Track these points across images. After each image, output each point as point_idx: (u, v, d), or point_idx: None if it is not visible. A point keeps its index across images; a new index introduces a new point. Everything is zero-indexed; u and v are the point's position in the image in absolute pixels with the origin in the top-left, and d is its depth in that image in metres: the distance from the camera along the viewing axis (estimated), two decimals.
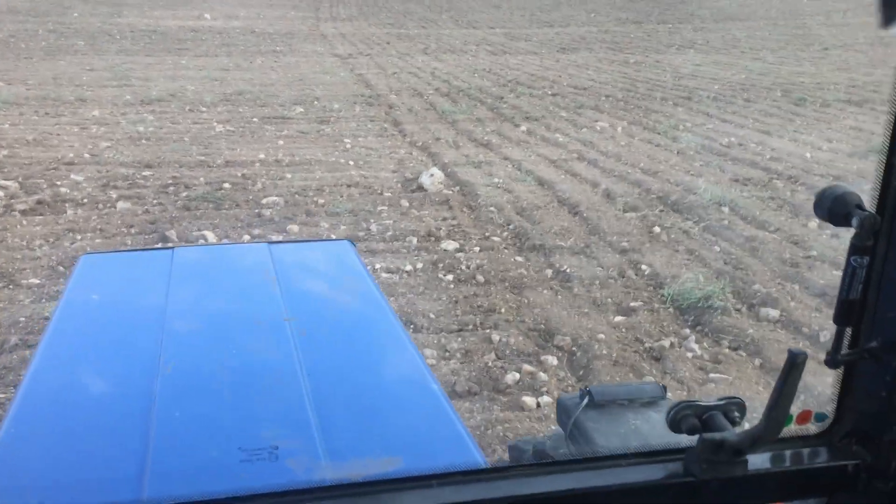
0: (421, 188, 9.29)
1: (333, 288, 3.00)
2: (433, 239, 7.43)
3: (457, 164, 10.49)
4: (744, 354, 5.27)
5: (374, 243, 7.28)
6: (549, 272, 6.66)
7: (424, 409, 2.17)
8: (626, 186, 9.25)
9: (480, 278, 6.52)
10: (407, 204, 8.65)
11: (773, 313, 5.73)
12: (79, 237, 7.35)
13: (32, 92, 15.34)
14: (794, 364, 1.04)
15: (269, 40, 25.91)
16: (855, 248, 1.07)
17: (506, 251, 7.14)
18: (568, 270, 6.61)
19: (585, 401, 1.86)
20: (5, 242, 7.11)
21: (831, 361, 1.14)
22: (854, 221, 1.06)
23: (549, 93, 15.89)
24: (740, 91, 15.65)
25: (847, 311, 1.11)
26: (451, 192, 9.20)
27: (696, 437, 1.11)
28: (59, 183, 9.21)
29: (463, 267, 6.71)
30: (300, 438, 1.93)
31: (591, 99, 15.02)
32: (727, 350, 5.33)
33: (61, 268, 6.50)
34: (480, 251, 7.13)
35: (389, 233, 7.60)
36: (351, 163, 10.57)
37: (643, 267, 6.70)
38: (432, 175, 9.38)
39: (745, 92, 15.51)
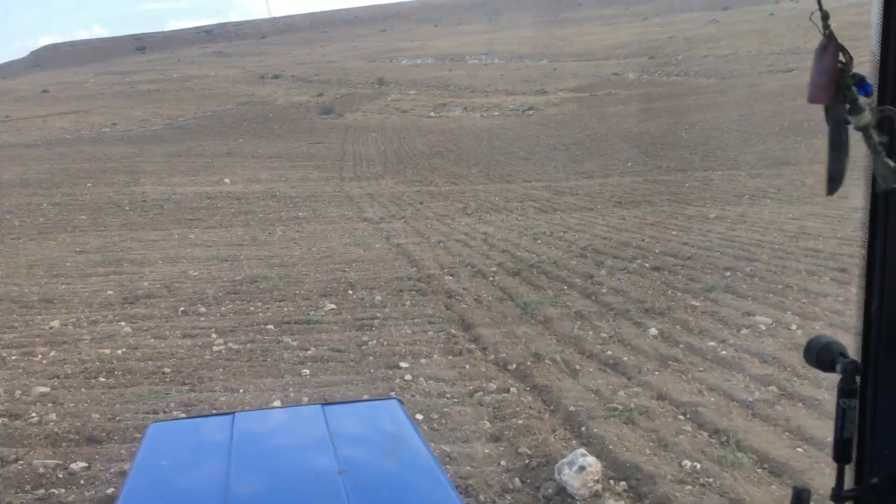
0: (564, 492, 4.77)
1: (382, 445, 2.91)
2: None
3: (593, 417, 6.03)
4: None
5: None
6: None
7: None
8: None
9: None
10: None
11: None
12: None
13: None
14: (800, 500, 1.06)
15: (290, 205, 22.18)
16: (842, 392, 1.06)
17: None
18: None
19: None
20: None
21: (836, 497, 1.11)
22: (838, 368, 1.08)
23: (648, 266, 11.56)
24: None
25: (844, 449, 1.10)
26: (622, 503, 4.67)
27: None
28: None
29: None
30: None
31: (713, 275, 10.64)
32: None
33: None
34: None
35: None
36: (419, 417, 6.13)
37: None
38: (582, 468, 4.85)
39: None
